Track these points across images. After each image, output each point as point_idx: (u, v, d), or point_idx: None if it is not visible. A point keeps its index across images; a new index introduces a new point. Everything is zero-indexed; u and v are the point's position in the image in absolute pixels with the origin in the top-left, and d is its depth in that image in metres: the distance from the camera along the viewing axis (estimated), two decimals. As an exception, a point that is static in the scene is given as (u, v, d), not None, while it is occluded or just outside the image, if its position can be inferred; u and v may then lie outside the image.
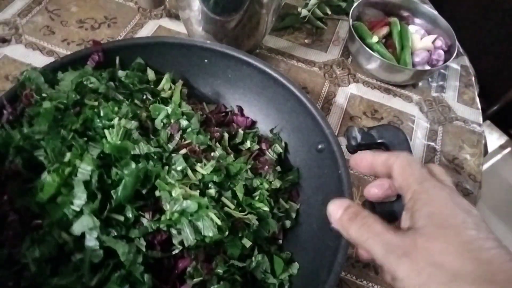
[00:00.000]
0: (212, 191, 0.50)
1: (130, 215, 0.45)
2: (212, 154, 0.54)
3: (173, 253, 0.48)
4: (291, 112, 0.62)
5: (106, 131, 0.49)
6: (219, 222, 0.46)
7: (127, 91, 0.56)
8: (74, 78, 0.52)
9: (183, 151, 0.52)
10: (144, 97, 0.58)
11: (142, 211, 0.47)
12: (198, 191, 0.49)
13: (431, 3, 1.02)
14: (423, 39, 0.88)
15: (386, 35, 0.89)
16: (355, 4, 0.88)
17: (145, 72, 0.62)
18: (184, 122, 0.55)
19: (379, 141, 0.57)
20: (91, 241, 0.43)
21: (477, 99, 0.89)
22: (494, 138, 1.93)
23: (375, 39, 0.85)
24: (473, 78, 0.92)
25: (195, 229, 0.46)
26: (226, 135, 0.59)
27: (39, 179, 0.46)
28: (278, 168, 0.60)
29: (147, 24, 0.88)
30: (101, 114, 0.50)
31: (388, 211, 0.51)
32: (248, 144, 0.61)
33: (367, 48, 0.81)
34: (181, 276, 0.48)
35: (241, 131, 0.62)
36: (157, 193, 0.48)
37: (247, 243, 0.51)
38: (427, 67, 0.86)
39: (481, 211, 0.68)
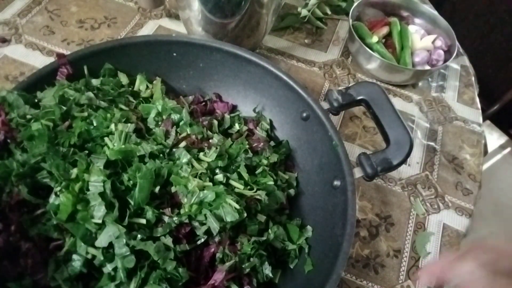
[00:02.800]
0: (220, 176, 0.51)
1: (150, 216, 0.45)
2: (210, 141, 0.55)
3: (198, 243, 0.48)
4: (269, 88, 0.64)
5: (106, 138, 0.48)
6: (237, 206, 0.48)
7: (108, 98, 0.55)
8: (55, 92, 0.50)
9: (183, 144, 0.52)
10: (126, 100, 0.57)
11: (161, 209, 0.47)
12: (208, 179, 0.50)
13: (431, 3, 1.03)
14: (423, 39, 0.88)
15: (386, 35, 0.89)
16: (355, 4, 0.88)
17: (116, 77, 0.61)
18: (175, 117, 0.55)
19: (358, 98, 0.61)
20: (121, 248, 0.42)
21: (477, 99, 0.88)
22: (494, 138, 1.92)
23: (375, 39, 0.85)
24: (473, 78, 0.92)
25: (216, 217, 0.47)
26: (215, 122, 0.60)
27: (48, 203, 0.45)
28: (272, 143, 0.62)
29: (147, 24, 0.87)
30: (94, 123, 0.49)
31: (383, 158, 0.56)
32: (236, 126, 0.62)
33: (367, 48, 0.81)
34: (210, 263, 0.49)
35: (227, 116, 0.63)
36: (173, 189, 0.48)
37: (262, 218, 0.53)
38: (427, 67, 0.85)
39: (481, 211, 0.70)
